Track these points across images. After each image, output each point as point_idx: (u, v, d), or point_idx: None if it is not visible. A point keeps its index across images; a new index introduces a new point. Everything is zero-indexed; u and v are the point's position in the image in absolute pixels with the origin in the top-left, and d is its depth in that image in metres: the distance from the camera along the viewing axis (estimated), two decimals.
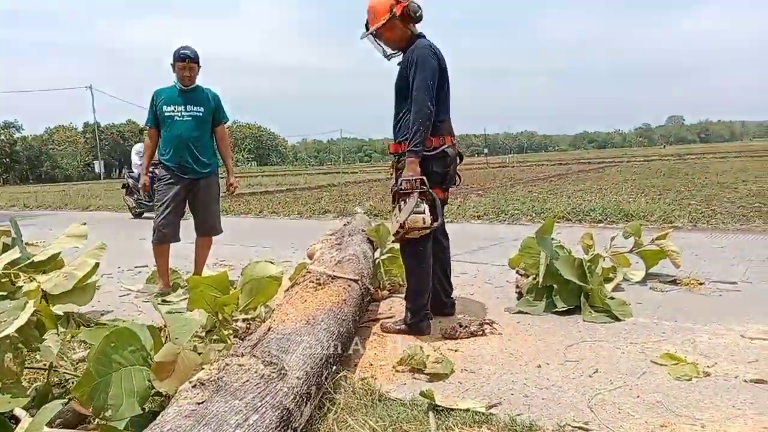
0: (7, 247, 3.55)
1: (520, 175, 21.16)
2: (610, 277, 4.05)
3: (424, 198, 2.99)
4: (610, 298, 3.53)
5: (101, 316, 3.82)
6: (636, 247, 4.31)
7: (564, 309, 3.44)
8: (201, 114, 4.34)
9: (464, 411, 2.14)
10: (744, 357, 2.63)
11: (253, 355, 1.98)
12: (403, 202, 2.97)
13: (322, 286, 2.99)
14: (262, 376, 1.84)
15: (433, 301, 3.33)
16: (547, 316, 3.42)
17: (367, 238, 4.30)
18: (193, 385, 1.74)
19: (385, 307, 3.77)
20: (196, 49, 4.29)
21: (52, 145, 73.33)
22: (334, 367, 2.38)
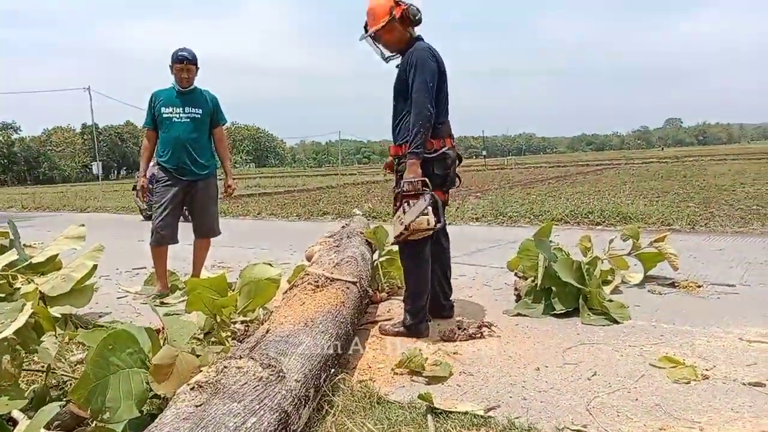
0: (4, 248, 3.55)
1: (519, 177, 21.20)
2: (609, 279, 4.05)
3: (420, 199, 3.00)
4: (609, 301, 3.53)
5: (99, 317, 3.81)
6: (634, 250, 4.31)
7: (562, 311, 3.44)
8: (199, 116, 4.34)
9: (463, 414, 2.14)
10: (742, 360, 2.63)
11: (252, 358, 1.97)
12: (407, 204, 2.96)
13: (320, 289, 2.98)
14: (261, 379, 1.84)
15: (432, 304, 3.33)
16: (545, 319, 3.43)
17: (366, 240, 4.29)
18: (192, 388, 1.74)
19: (384, 309, 3.76)
20: (194, 51, 4.30)
21: (50, 147, 73.34)
22: (332, 370, 2.38)
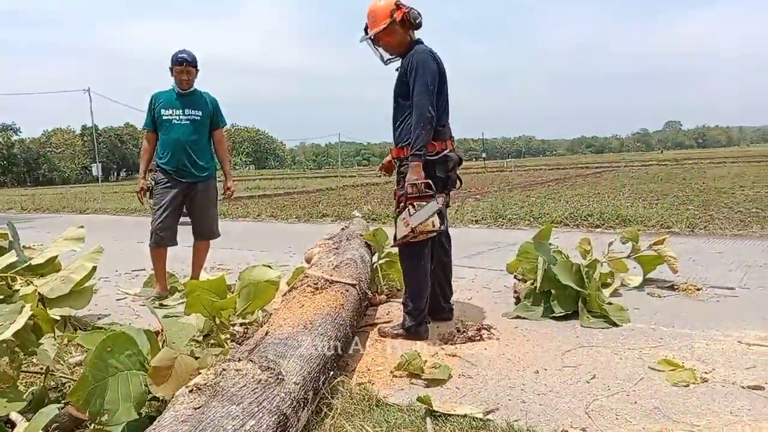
0: (4, 250, 3.55)
1: (518, 180, 21.21)
2: (608, 282, 4.05)
3: (430, 201, 3.02)
4: (608, 304, 3.52)
5: (98, 319, 3.81)
6: (633, 253, 4.31)
7: (562, 314, 3.44)
8: (199, 118, 4.34)
9: (461, 416, 2.14)
10: (741, 363, 2.63)
11: (251, 360, 1.97)
12: (412, 207, 2.97)
13: (319, 291, 2.98)
14: (260, 381, 1.84)
15: (432, 306, 3.33)
16: (544, 322, 3.42)
17: (365, 243, 4.30)
18: (190, 390, 1.74)
19: (383, 312, 3.76)
20: (194, 53, 4.30)
21: (50, 148, 73.33)
22: (331, 372, 2.38)
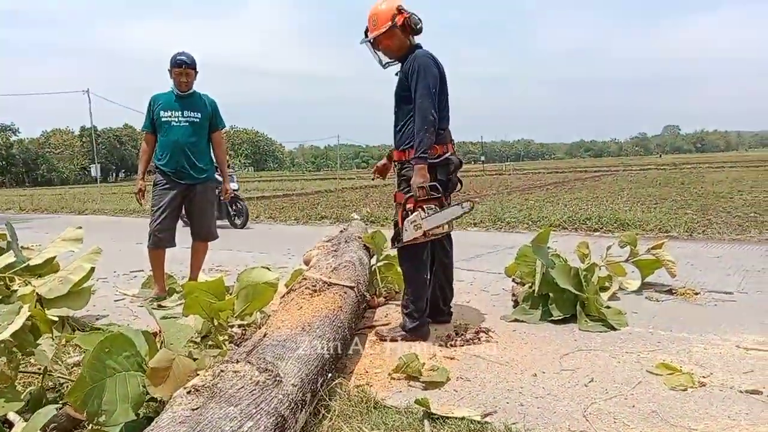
0: (2, 250, 3.55)
1: (517, 183, 21.23)
2: (606, 286, 4.06)
3: (437, 204, 3.07)
4: (606, 307, 3.53)
5: (96, 320, 3.80)
6: (632, 257, 4.32)
7: (560, 318, 3.44)
8: (198, 120, 4.34)
9: (459, 419, 2.14)
10: (739, 367, 2.63)
11: (249, 362, 1.97)
12: (422, 210, 3.00)
13: (318, 293, 2.98)
14: (257, 383, 1.84)
15: (431, 308, 3.33)
16: (542, 325, 3.42)
17: (364, 245, 4.30)
18: (188, 392, 1.73)
19: (381, 314, 3.76)
20: (193, 55, 4.30)
21: (49, 149, 73.23)
22: (329, 374, 2.38)
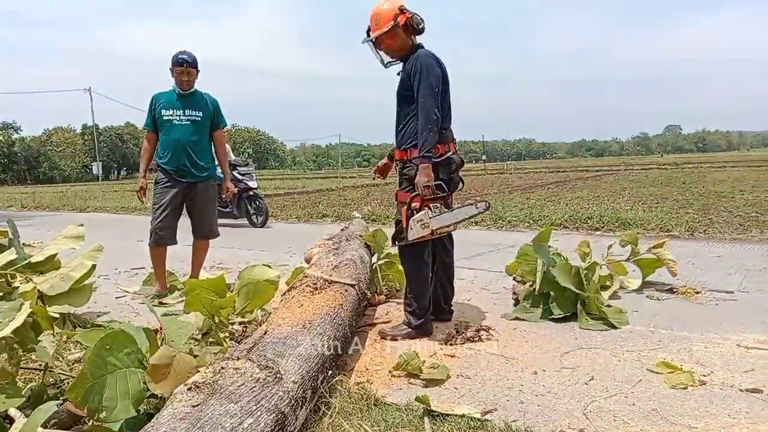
0: (3, 247, 3.55)
1: (518, 182, 21.21)
2: (607, 285, 4.05)
3: (442, 203, 3.09)
4: (607, 306, 3.53)
5: (97, 317, 3.81)
6: (633, 256, 4.32)
7: (560, 316, 3.44)
8: (199, 118, 4.34)
9: (460, 417, 2.15)
10: (740, 366, 2.63)
11: (249, 359, 1.98)
12: (429, 209, 3.01)
13: (318, 291, 2.98)
14: (258, 380, 1.84)
15: (432, 306, 3.33)
16: (543, 323, 3.43)
17: (365, 243, 4.30)
18: (189, 388, 1.74)
19: (382, 312, 3.76)
20: (194, 54, 4.30)
21: (51, 147, 73.29)
22: (329, 372, 2.38)
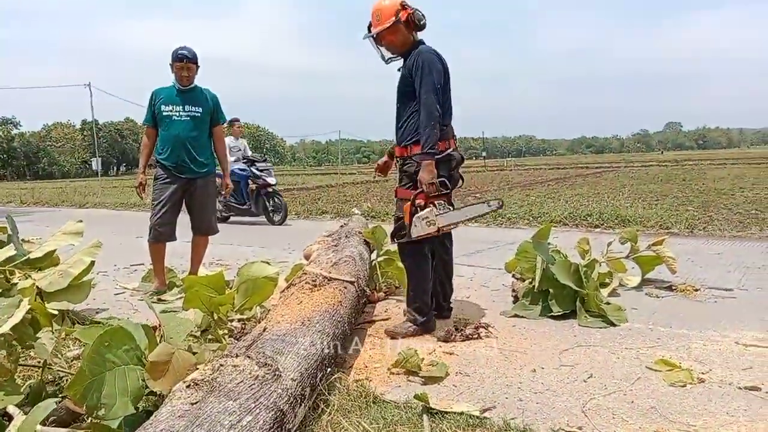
0: (2, 243, 3.55)
1: (518, 179, 21.21)
2: (606, 282, 4.06)
3: (445, 200, 3.09)
4: (606, 303, 3.53)
5: (96, 314, 3.80)
6: (632, 253, 4.31)
7: (560, 313, 3.44)
8: (199, 114, 4.33)
9: (458, 414, 2.14)
10: (738, 364, 2.63)
11: (248, 356, 1.97)
12: (434, 207, 3.01)
13: (318, 288, 2.98)
14: (257, 378, 1.84)
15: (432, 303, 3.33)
16: (542, 321, 3.43)
17: (364, 240, 4.29)
18: (187, 385, 1.74)
19: (381, 309, 3.76)
20: (194, 50, 4.29)
21: (50, 142, 73.21)
22: (328, 369, 2.38)
